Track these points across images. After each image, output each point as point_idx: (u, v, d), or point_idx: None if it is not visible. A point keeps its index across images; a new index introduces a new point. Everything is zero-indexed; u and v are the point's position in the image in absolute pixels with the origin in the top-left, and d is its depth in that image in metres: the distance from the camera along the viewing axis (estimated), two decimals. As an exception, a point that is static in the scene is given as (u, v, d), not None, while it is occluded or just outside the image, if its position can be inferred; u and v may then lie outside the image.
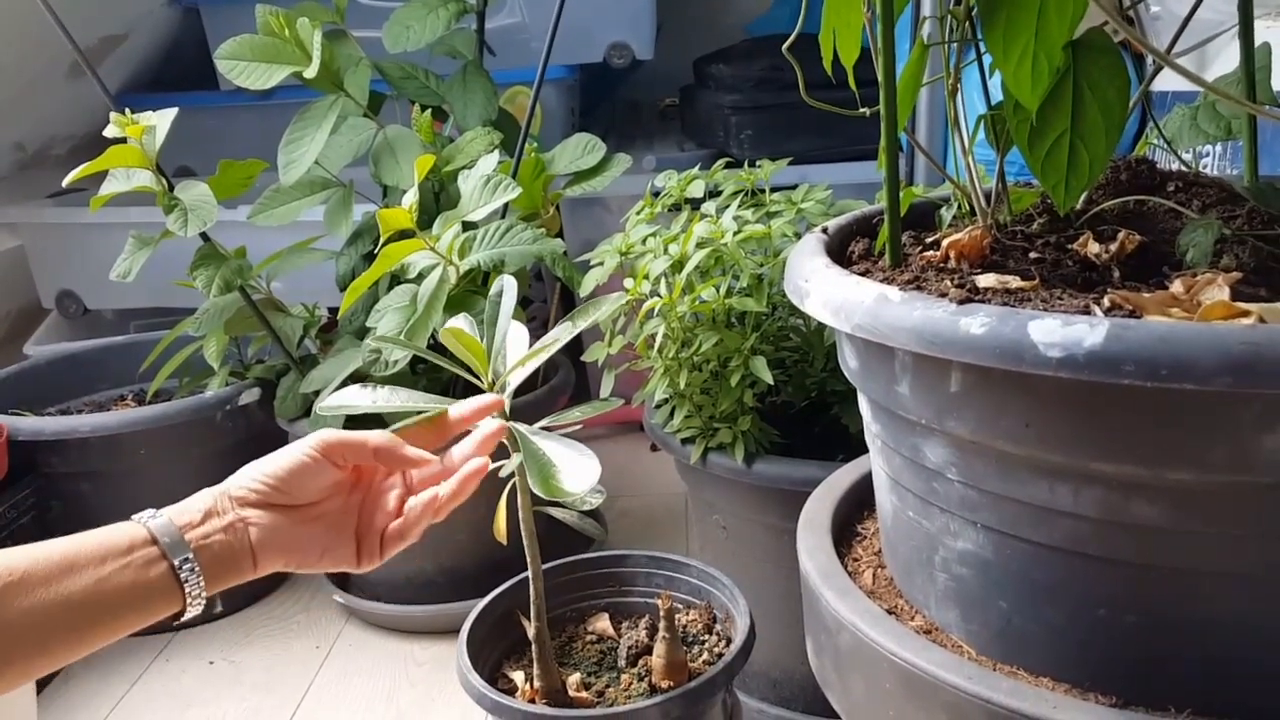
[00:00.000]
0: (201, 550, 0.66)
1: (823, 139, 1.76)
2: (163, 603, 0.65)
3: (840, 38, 0.68)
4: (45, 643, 0.61)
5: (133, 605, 0.64)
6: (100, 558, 0.63)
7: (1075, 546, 0.58)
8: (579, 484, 0.74)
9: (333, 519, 0.73)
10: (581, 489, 0.74)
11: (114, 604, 0.63)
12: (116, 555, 0.64)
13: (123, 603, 0.63)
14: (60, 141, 2.12)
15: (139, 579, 0.64)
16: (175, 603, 0.65)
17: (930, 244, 0.71)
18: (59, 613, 0.61)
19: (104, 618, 0.62)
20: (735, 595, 1.00)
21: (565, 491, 0.74)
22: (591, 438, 1.98)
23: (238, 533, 0.68)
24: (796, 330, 1.15)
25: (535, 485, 0.75)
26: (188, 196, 1.27)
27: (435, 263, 1.20)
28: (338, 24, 1.42)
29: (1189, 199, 0.72)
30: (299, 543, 0.71)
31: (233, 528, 0.68)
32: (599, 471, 0.75)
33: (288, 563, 0.71)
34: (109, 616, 0.63)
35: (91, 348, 1.76)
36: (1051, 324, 0.51)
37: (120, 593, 0.63)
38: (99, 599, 0.62)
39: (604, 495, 0.93)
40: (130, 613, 0.64)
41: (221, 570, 0.67)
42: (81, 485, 1.44)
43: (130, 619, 0.64)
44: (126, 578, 0.63)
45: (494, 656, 1.02)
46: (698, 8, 2.43)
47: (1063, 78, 0.60)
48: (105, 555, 0.63)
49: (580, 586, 1.08)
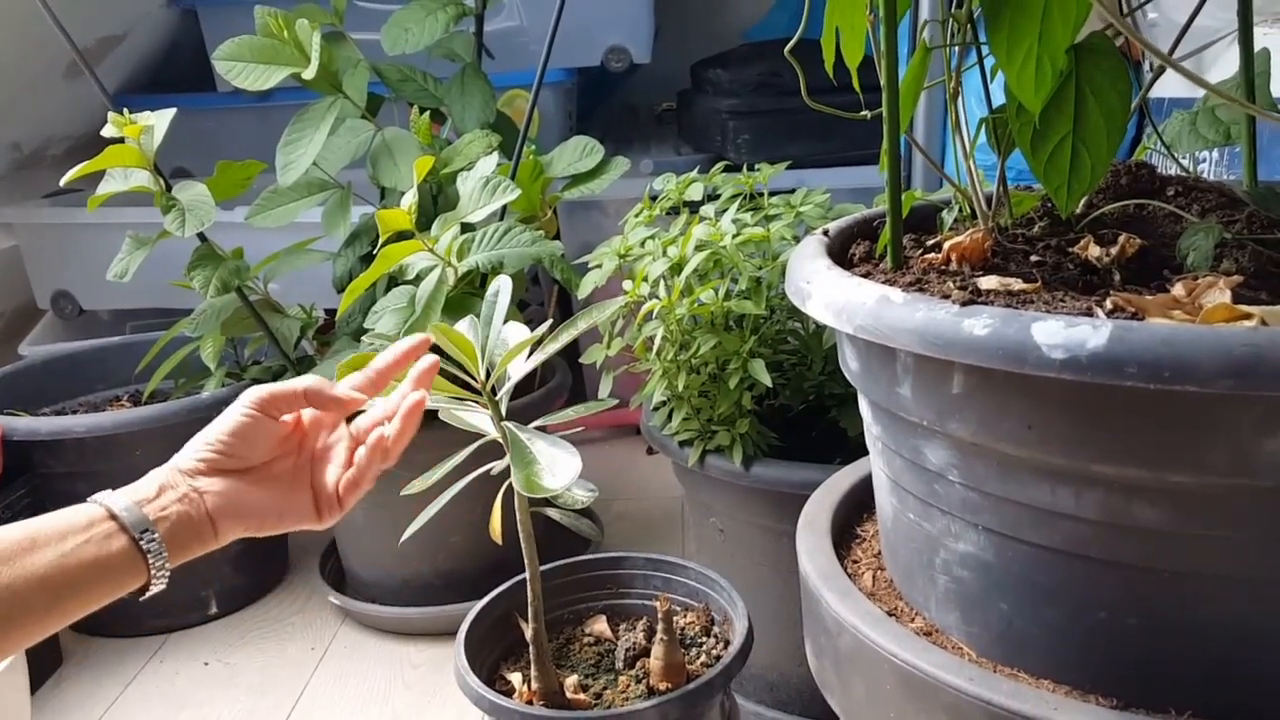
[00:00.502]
0: (159, 522, 0.67)
1: (820, 144, 1.76)
2: (127, 577, 0.66)
3: (845, 38, 0.68)
4: (10, 618, 0.61)
5: (97, 580, 0.65)
6: (60, 534, 0.64)
7: (1076, 549, 0.58)
8: (559, 480, 0.74)
9: (286, 479, 0.74)
10: (561, 484, 0.74)
11: (78, 580, 0.64)
12: (77, 532, 0.65)
13: (86, 579, 0.64)
14: (57, 142, 2.11)
15: (100, 553, 0.65)
16: (139, 576, 0.66)
17: (931, 247, 0.72)
18: (22, 588, 0.62)
19: (67, 593, 0.63)
20: (733, 597, 1.00)
21: (544, 487, 0.74)
22: (588, 440, 1.97)
23: (193, 502, 0.69)
24: (795, 334, 1.15)
25: (518, 482, 0.75)
26: (186, 197, 1.26)
27: (434, 264, 1.20)
28: (336, 26, 1.42)
29: (1189, 203, 0.72)
30: (255, 506, 0.71)
31: (187, 498, 0.69)
32: (578, 467, 0.76)
33: (247, 527, 0.72)
34: (72, 592, 0.64)
35: (87, 348, 1.75)
36: (1055, 325, 0.51)
37: (84, 568, 0.64)
38: (62, 575, 0.63)
39: (595, 494, 0.93)
40: (94, 589, 0.65)
41: (183, 541, 0.68)
42: (77, 485, 1.43)
43: (95, 594, 0.65)
44: (89, 552, 0.64)
45: (491, 658, 1.02)
46: (695, 13, 2.43)
47: (1065, 81, 0.61)
48: (65, 532, 0.65)
49: (578, 589, 1.08)
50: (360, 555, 1.50)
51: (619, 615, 1.07)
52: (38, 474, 1.42)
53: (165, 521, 0.67)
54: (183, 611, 1.53)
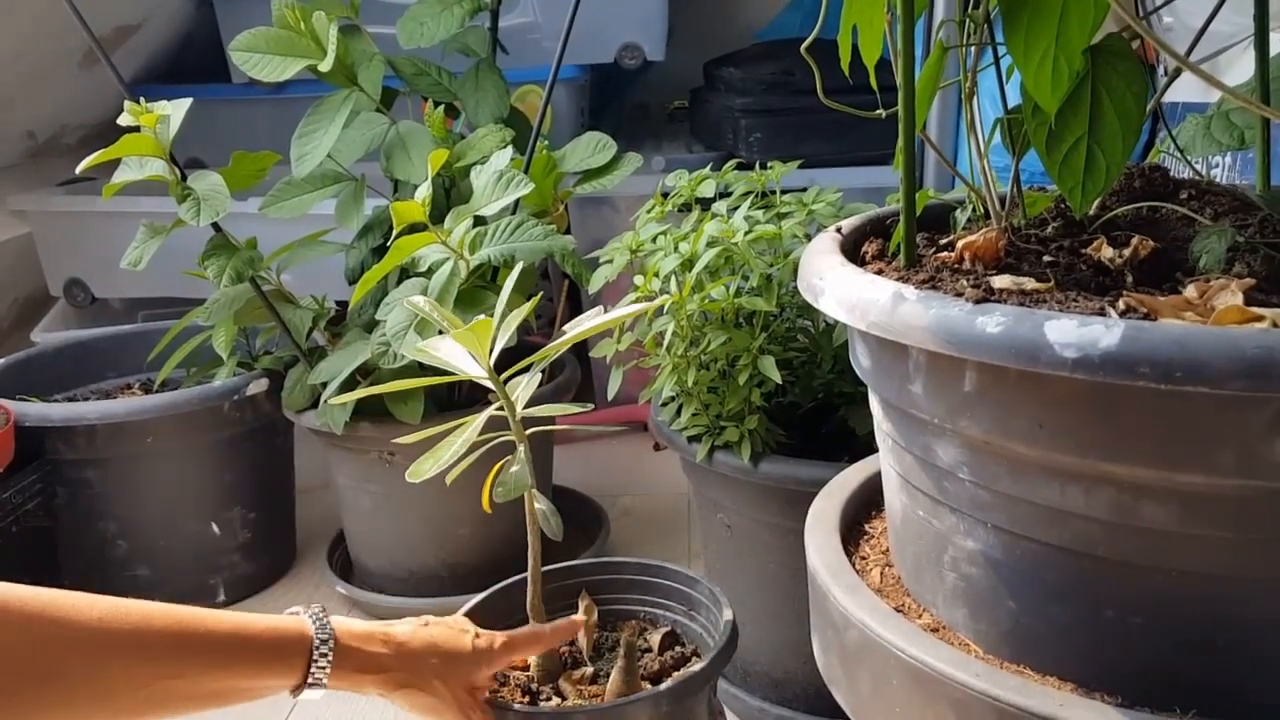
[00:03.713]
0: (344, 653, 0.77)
1: (832, 143, 1.77)
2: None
3: (862, 35, 0.69)
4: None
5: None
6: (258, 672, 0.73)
7: (1085, 548, 0.58)
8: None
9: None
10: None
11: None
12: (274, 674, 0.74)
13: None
14: (71, 130, 2.12)
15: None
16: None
17: (945, 245, 0.72)
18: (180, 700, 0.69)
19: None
20: (718, 599, 0.98)
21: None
22: (595, 437, 1.98)
23: (377, 680, 0.79)
24: (805, 331, 1.15)
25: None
26: (201, 186, 1.27)
27: (446, 257, 1.20)
28: (352, 19, 1.42)
29: (1202, 207, 0.72)
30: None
31: (380, 679, 0.79)
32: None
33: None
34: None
35: (99, 336, 1.76)
36: (1067, 324, 0.51)
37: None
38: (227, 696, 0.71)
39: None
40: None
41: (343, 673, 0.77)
42: (88, 472, 1.44)
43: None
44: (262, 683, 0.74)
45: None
46: (708, 12, 2.43)
47: (1081, 82, 0.61)
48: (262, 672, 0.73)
49: (573, 594, 1.07)
50: (367, 546, 1.51)
51: (612, 619, 1.06)
52: (49, 460, 1.43)
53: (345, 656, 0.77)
54: (191, 599, 1.53)
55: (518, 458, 0.86)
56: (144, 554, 1.49)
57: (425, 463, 0.82)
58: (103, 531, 1.47)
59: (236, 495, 1.53)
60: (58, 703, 0.61)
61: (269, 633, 0.73)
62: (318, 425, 1.37)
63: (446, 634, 0.84)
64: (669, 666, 0.96)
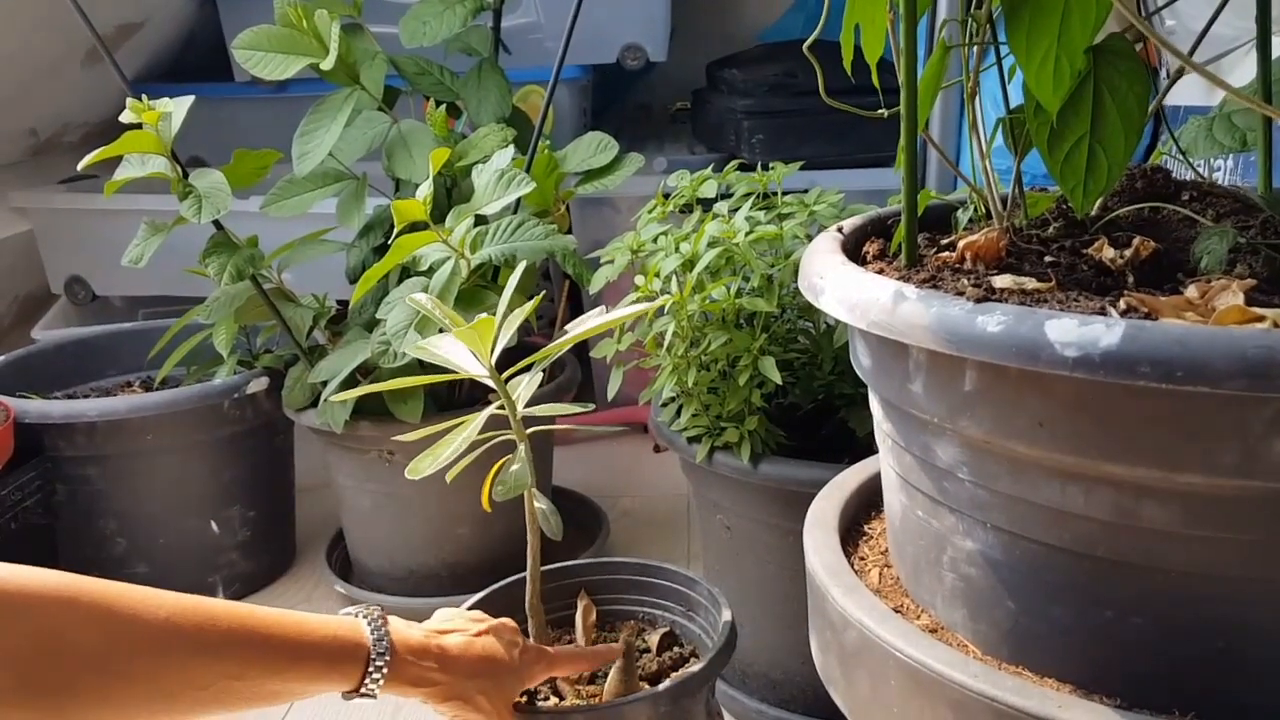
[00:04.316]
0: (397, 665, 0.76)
1: (834, 145, 1.77)
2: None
3: (865, 34, 0.69)
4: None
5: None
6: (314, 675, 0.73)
7: (1085, 548, 0.58)
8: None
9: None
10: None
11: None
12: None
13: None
14: (73, 128, 2.12)
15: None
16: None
17: (946, 245, 0.72)
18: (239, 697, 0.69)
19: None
20: (716, 599, 0.98)
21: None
22: (594, 438, 1.98)
23: (425, 693, 0.79)
24: (805, 333, 1.15)
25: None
26: (202, 184, 1.27)
27: (447, 256, 1.20)
28: (355, 18, 1.42)
29: (1203, 208, 0.72)
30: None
31: (428, 692, 0.79)
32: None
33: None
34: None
35: (100, 333, 1.76)
36: (1068, 324, 0.51)
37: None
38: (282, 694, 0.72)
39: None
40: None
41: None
42: (87, 469, 1.44)
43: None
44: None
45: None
46: (710, 13, 2.44)
47: (1083, 82, 0.61)
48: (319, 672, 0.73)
49: (572, 594, 1.07)
50: (367, 544, 1.51)
51: (611, 620, 1.06)
52: (49, 457, 1.43)
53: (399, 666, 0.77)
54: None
55: (518, 456, 0.86)
56: (143, 551, 1.49)
57: (424, 461, 0.82)
58: (102, 529, 1.47)
59: (236, 493, 1.53)
60: (117, 698, 0.61)
61: (330, 640, 0.74)
62: (318, 424, 1.37)
63: (496, 649, 0.84)
64: (667, 667, 0.96)
